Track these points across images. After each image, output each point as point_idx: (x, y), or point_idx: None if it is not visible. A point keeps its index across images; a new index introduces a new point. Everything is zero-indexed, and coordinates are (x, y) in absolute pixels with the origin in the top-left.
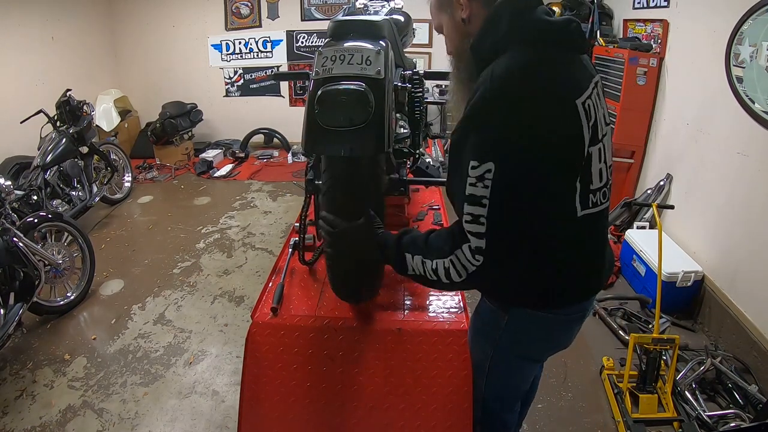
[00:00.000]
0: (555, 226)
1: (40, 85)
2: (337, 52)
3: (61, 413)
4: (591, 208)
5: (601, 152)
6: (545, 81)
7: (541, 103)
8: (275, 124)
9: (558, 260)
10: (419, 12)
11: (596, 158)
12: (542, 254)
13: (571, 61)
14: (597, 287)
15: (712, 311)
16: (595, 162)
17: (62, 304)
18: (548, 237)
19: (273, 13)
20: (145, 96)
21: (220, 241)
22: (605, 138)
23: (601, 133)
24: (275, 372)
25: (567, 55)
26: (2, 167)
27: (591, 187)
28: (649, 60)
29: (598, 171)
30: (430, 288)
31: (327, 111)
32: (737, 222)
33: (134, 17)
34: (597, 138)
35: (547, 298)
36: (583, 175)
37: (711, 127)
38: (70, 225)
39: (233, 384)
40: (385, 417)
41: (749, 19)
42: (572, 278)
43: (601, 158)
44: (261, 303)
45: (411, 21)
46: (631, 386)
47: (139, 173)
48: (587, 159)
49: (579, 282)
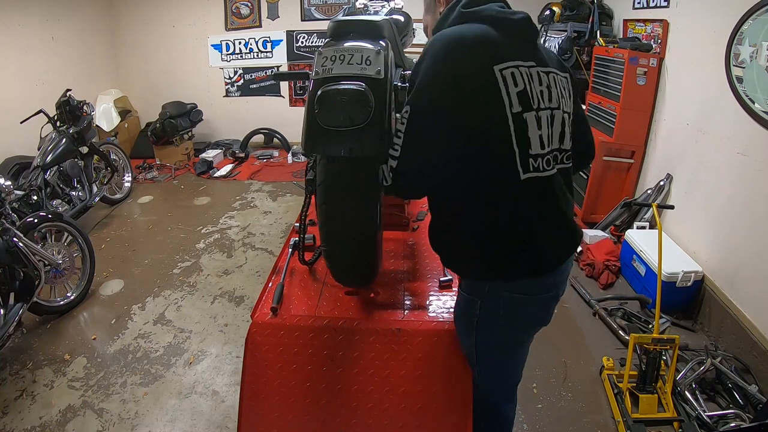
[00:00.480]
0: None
1: (40, 85)
2: (337, 52)
3: (61, 413)
4: (534, 172)
5: (540, 121)
6: (465, 44)
7: (449, 64)
8: (275, 124)
9: (502, 222)
10: (419, 12)
11: (533, 125)
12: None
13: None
14: (555, 258)
15: (712, 311)
16: (533, 128)
17: (62, 304)
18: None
19: (273, 13)
20: (145, 96)
21: (220, 241)
22: (550, 112)
23: (540, 105)
24: (275, 372)
25: (505, 38)
26: (2, 167)
27: (530, 151)
28: (649, 60)
29: (537, 137)
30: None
31: (327, 111)
32: (737, 222)
33: (134, 17)
34: (530, 107)
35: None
36: (520, 139)
37: (711, 127)
38: (70, 225)
39: (233, 384)
40: (385, 417)
41: (749, 19)
42: (523, 244)
43: (540, 126)
44: (261, 303)
45: (411, 21)
46: (631, 386)
47: (139, 173)
48: (520, 123)
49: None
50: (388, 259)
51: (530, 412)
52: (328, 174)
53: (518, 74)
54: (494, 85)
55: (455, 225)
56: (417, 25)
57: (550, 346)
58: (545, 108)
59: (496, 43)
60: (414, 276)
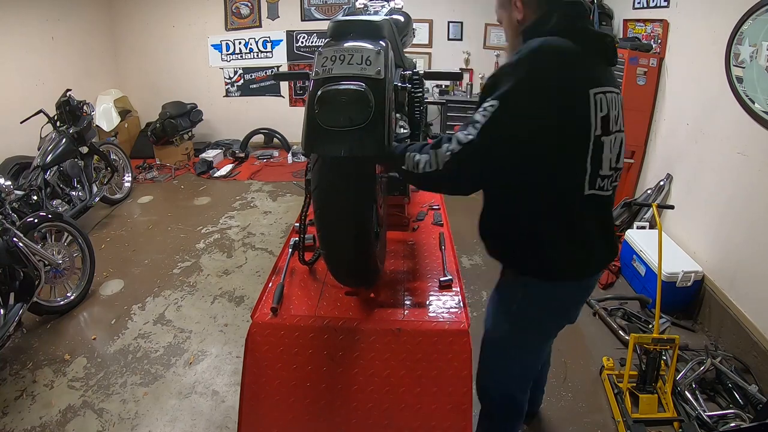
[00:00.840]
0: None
1: (40, 85)
2: (337, 53)
3: (61, 413)
4: (598, 191)
5: (612, 145)
6: (566, 62)
7: (556, 75)
8: (275, 124)
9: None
10: (419, 12)
11: (607, 148)
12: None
13: (597, 63)
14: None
15: (712, 311)
16: (607, 152)
17: (62, 304)
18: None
19: (273, 13)
20: (145, 96)
21: (220, 241)
22: (617, 135)
23: (613, 128)
24: (275, 372)
25: (595, 58)
26: (2, 167)
27: (600, 172)
28: (649, 60)
29: (608, 160)
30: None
31: (327, 111)
32: (737, 222)
33: (134, 17)
34: (608, 130)
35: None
36: (594, 159)
37: (711, 127)
38: (70, 225)
39: (233, 384)
40: (385, 417)
41: (749, 19)
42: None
43: (611, 150)
44: (261, 303)
45: (411, 21)
46: (631, 386)
47: (139, 173)
48: (598, 145)
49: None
50: (388, 259)
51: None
52: (322, 178)
53: (605, 100)
54: (587, 107)
55: (513, 222)
56: (417, 25)
57: None
58: (618, 131)
59: (594, 66)
60: (414, 276)
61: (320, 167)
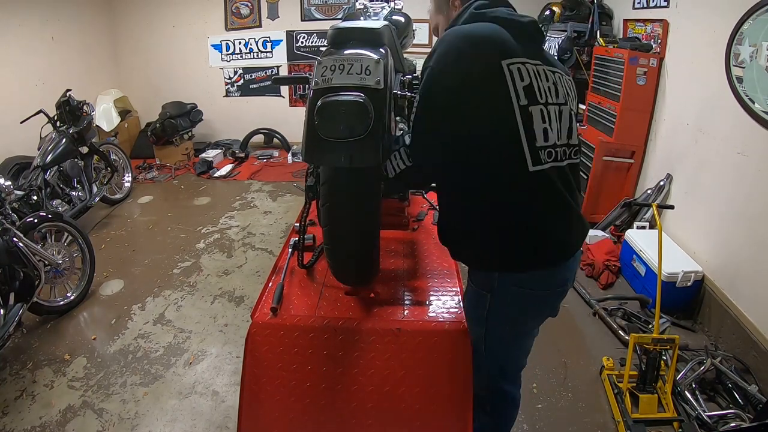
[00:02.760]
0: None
1: (40, 85)
2: (337, 62)
3: (61, 413)
4: (543, 165)
5: (547, 115)
6: (475, 39)
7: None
8: (275, 124)
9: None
10: (419, 12)
11: (538, 118)
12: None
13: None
14: (564, 252)
15: (712, 311)
16: (538, 122)
17: (62, 304)
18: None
19: (273, 13)
20: (145, 96)
21: (220, 241)
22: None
23: (543, 99)
24: (275, 372)
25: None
26: (2, 167)
27: (536, 144)
28: (649, 60)
29: (542, 130)
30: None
31: (327, 122)
32: (737, 222)
33: (134, 17)
34: (536, 101)
35: (507, 256)
36: (527, 131)
37: (711, 127)
38: (70, 225)
39: (233, 384)
40: (385, 417)
41: (749, 19)
42: (533, 235)
43: (545, 120)
44: (261, 303)
45: (411, 22)
46: (631, 386)
47: (139, 173)
48: (527, 116)
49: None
50: (389, 258)
51: (530, 412)
52: (330, 174)
53: (524, 70)
54: (501, 77)
55: (465, 216)
56: (417, 26)
57: (550, 346)
58: (553, 103)
59: (505, 41)
60: (414, 276)
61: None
